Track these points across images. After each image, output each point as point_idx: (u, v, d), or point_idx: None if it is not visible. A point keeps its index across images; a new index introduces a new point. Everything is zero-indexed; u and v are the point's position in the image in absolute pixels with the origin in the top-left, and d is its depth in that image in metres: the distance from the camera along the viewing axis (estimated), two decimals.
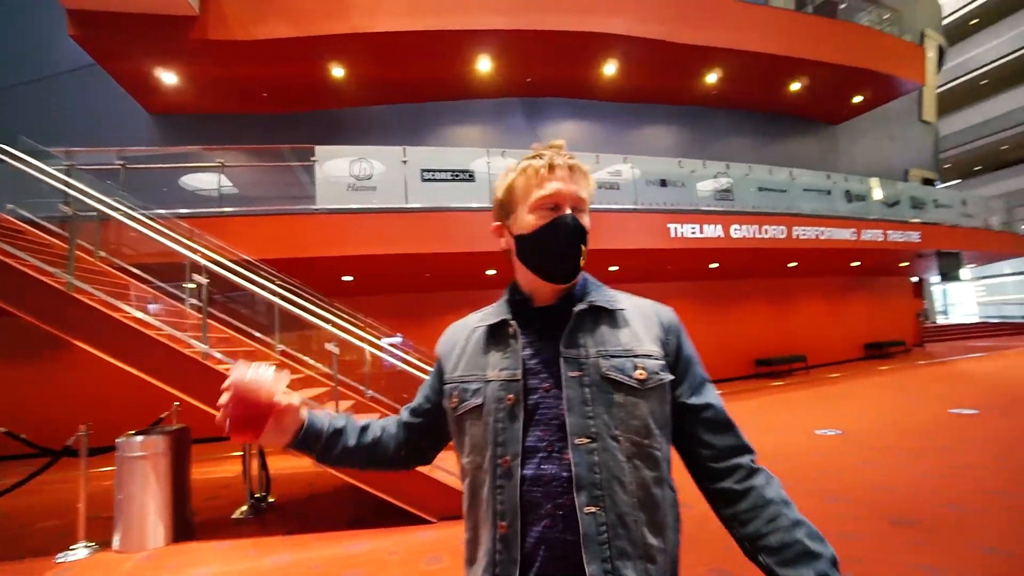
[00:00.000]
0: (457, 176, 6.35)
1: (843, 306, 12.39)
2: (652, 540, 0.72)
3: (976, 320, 19.40)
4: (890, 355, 12.62)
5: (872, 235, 9.01)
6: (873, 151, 12.91)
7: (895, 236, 9.33)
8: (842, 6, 10.42)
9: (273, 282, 4.53)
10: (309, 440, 0.85)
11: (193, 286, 4.24)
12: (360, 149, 6.08)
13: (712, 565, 2.63)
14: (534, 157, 0.83)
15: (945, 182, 16.83)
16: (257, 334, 4.97)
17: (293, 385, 3.93)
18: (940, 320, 20.15)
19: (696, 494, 0.83)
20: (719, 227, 7.53)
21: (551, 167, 0.81)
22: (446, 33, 6.98)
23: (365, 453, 0.91)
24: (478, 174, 6.53)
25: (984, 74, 18.35)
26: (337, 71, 7.50)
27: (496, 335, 0.85)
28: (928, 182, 13.53)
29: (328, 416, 0.90)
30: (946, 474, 3.75)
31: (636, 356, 0.78)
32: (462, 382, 0.84)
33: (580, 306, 0.81)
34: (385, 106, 8.62)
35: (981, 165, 20.23)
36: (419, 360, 4.93)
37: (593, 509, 0.70)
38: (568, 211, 0.80)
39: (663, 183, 7.76)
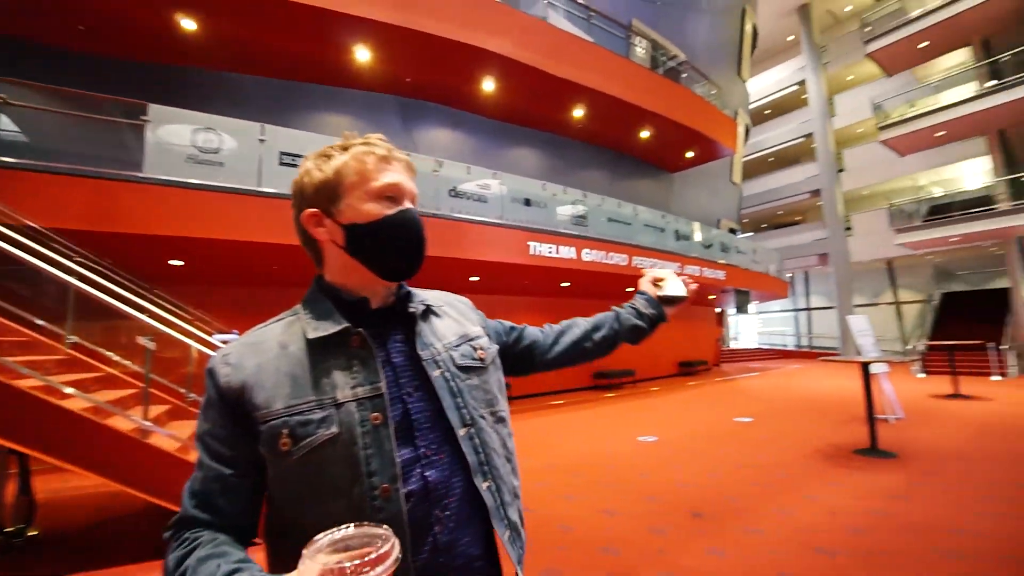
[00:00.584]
0: None
1: (664, 329, 14.27)
2: (516, 482, 0.83)
3: (755, 346, 24.23)
4: (696, 372, 15.03)
5: (692, 270, 10.69)
6: (697, 200, 15.38)
7: (708, 273, 11.22)
8: (683, 75, 12.31)
9: (71, 259, 3.65)
10: None
11: None
12: (209, 118, 5.25)
13: (548, 566, 2.82)
14: (363, 144, 0.77)
15: (743, 233, 20.79)
16: (40, 322, 3.94)
17: (88, 384, 3.21)
18: (732, 345, 24.73)
19: (536, 499, 0.92)
20: (573, 249, 8.21)
21: (384, 157, 0.76)
22: (322, 11, 6.48)
23: None
24: None
25: (771, 153, 23.30)
26: (187, 23, 6.43)
27: (332, 347, 0.72)
28: (732, 231, 16.57)
29: None
30: (728, 472, 4.57)
31: (471, 340, 0.86)
32: (295, 414, 0.67)
33: (418, 307, 0.83)
34: (244, 75, 7.61)
35: (766, 223, 25.53)
36: None
37: (487, 483, 0.76)
38: (409, 204, 0.78)
39: (527, 202, 8.22)
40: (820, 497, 3.78)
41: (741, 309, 15.31)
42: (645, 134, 11.60)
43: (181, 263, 5.82)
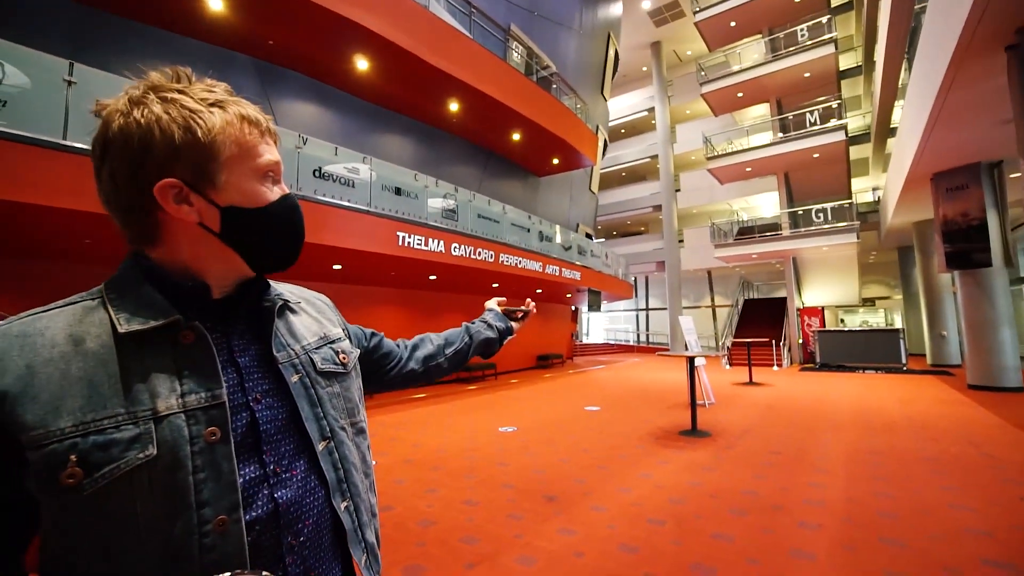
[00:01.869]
0: None
1: (524, 324, 15.19)
2: (373, 499, 0.77)
3: (603, 341, 26.91)
4: (552, 365, 16.15)
5: (552, 270, 11.44)
6: (559, 204, 16.48)
7: (567, 273, 12.11)
8: (554, 86, 13.08)
9: None
10: None
11: None
12: None
13: (407, 564, 2.80)
14: (233, 101, 0.62)
15: (598, 239, 22.88)
16: None
17: None
18: (584, 340, 27.10)
19: (396, 497, 0.92)
20: (442, 243, 8.21)
21: (260, 126, 0.64)
22: None
23: None
24: None
25: (624, 168, 26.11)
26: None
27: (153, 344, 0.56)
28: (589, 236, 18.11)
29: None
30: (578, 456, 5.03)
31: (332, 342, 0.78)
32: (92, 433, 0.50)
33: (276, 301, 0.71)
34: None
35: (616, 231, 28.50)
36: None
37: (346, 503, 0.68)
38: (285, 188, 0.67)
39: (398, 191, 7.98)
40: (652, 475, 4.36)
41: (593, 307, 16.86)
42: (516, 136, 12.06)
43: None
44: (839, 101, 15.32)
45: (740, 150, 16.60)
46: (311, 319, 0.78)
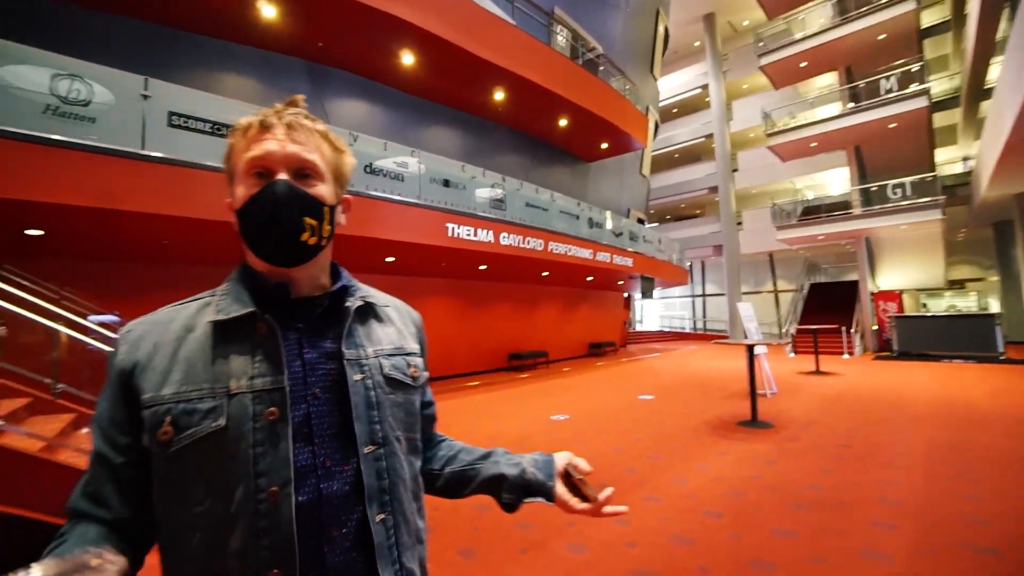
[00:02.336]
0: (219, 130, 5.32)
1: (576, 312, 15.08)
2: (421, 523, 0.75)
3: (657, 328, 26.24)
4: (605, 353, 15.96)
5: (603, 257, 11.25)
6: (609, 190, 16.12)
7: (618, 260, 11.87)
8: (601, 68, 12.74)
9: None
10: None
11: None
12: (77, 64, 4.48)
13: (460, 547, 2.88)
14: (255, 115, 0.68)
15: (650, 224, 22.23)
16: None
17: None
18: (637, 327, 26.55)
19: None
20: (491, 233, 8.26)
21: (265, 125, 0.66)
22: None
23: None
24: None
25: (677, 150, 25.09)
26: None
27: (236, 333, 0.66)
28: (641, 221, 17.63)
29: None
30: (631, 446, 4.96)
31: (407, 355, 0.78)
32: (183, 401, 0.61)
33: (355, 302, 0.74)
34: (116, 16, 6.56)
35: (670, 215, 27.54)
36: None
37: (383, 516, 0.67)
38: (282, 176, 0.66)
39: (446, 183, 8.09)
40: (709, 466, 4.23)
41: (646, 294, 16.46)
42: (563, 122, 11.87)
43: (41, 233, 4.99)
44: (920, 63, 13.85)
45: (804, 124, 15.47)
46: (393, 328, 0.80)
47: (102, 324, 4.12)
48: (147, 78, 4.84)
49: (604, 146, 13.75)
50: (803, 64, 15.89)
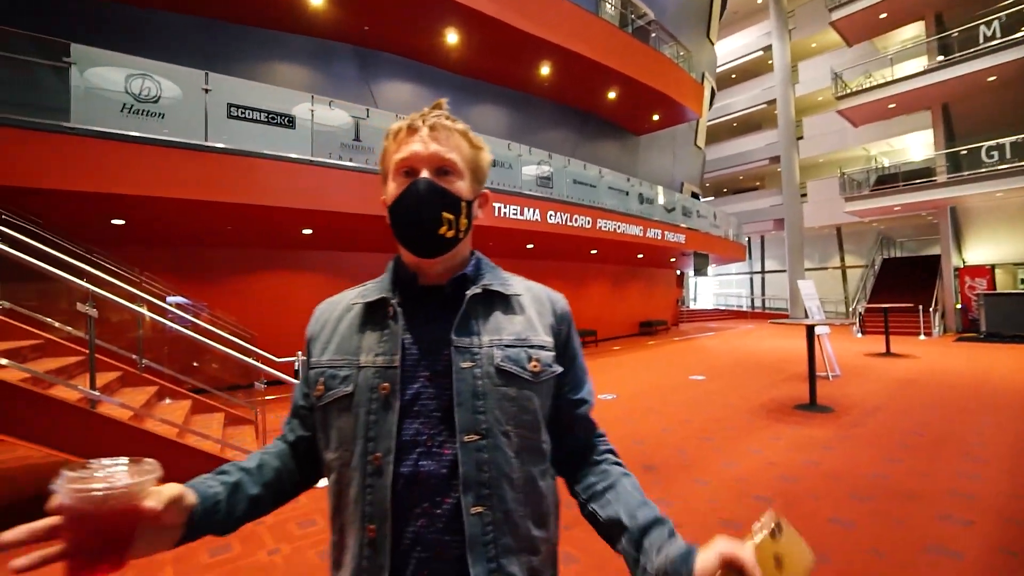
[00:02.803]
0: (274, 119, 5.56)
1: (626, 290, 14.79)
2: (536, 532, 0.71)
3: (712, 307, 25.30)
4: (656, 332, 15.62)
5: (654, 233, 10.91)
6: (661, 163, 15.50)
7: (670, 236, 11.48)
8: (652, 35, 12.11)
9: None
10: (208, 518, 0.65)
11: None
12: (146, 63, 4.81)
13: None
14: (404, 119, 0.75)
15: (705, 198, 21.24)
16: None
17: (25, 353, 3.05)
18: (691, 306, 25.73)
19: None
20: (538, 211, 8.20)
21: (411, 128, 0.73)
22: None
23: (271, 493, 0.76)
24: (299, 121, 5.84)
25: (735, 118, 23.60)
26: None
27: (374, 314, 0.75)
28: (695, 196, 16.88)
29: (211, 477, 0.70)
30: (680, 427, 4.87)
31: (531, 347, 0.74)
32: (331, 367, 0.74)
33: (473, 290, 0.75)
34: (178, 14, 6.95)
35: (727, 188, 26.16)
36: (212, 325, 4.27)
37: (480, 509, 0.66)
38: (424, 174, 0.71)
39: (493, 163, 8.04)
40: (761, 450, 4.09)
41: (699, 271, 15.85)
42: (612, 95, 11.46)
43: (123, 222, 5.47)
44: None
45: (882, 83, 14.04)
46: (522, 318, 0.77)
47: (177, 305, 4.50)
48: (207, 72, 5.11)
49: (655, 118, 13.17)
50: (883, 15, 14.33)
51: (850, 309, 18.02)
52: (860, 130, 17.18)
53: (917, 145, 17.62)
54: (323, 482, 0.79)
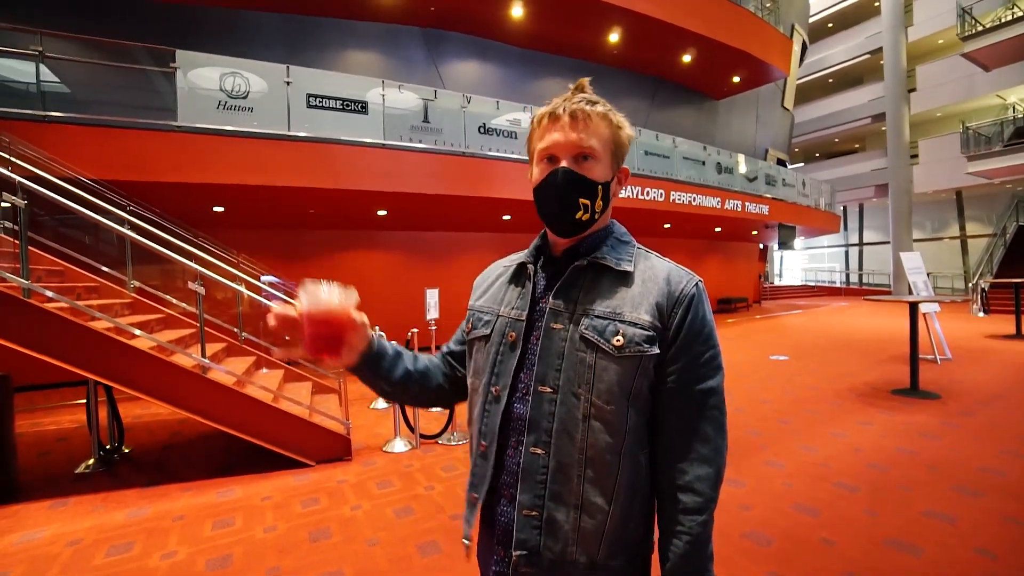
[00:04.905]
0: (348, 106, 5.85)
1: (703, 265, 14.06)
2: (594, 498, 0.73)
3: (800, 283, 23.38)
4: (736, 309, 14.77)
5: (733, 205, 10.22)
6: (742, 129, 14.37)
7: (751, 207, 10.70)
8: None
9: (125, 209, 3.89)
10: (375, 359, 0.86)
11: (6, 205, 3.48)
12: (235, 61, 5.24)
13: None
14: (548, 104, 0.82)
15: (793, 164, 19.46)
16: (105, 268, 4.29)
17: (151, 325, 3.53)
18: (776, 281, 23.94)
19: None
20: None
21: (553, 115, 0.79)
22: None
23: (419, 379, 0.94)
24: (372, 106, 6.08)
25: (831, 74, 21.11)
26: None
27: (518, 275, 0.90)
28: (780, 163, 15.53)
29: (382, 339, 0.92)
30: (755, 408, 4.63)
31: (621, 321, 0.74)
32: (480, 311, 0.91)
33: (579, 262, 0.80)
34: (262, 12, 7.45)
35: (819, 152, 23.69)
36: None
37: (538, 451, 0.74)
38: (563, 163, 0.77)
39: None
40: (847, 435, 3.79)
41: (785, 244, 14.63)
42: (687, 58, 10.74)
43: (222, 209, 6.08)
44: None
45: None
46: (627, 293, 0.77)
47: (270, 284, 4.97)
48: (288, 66, 5.46)
49: (736, 80, 12.19)
50: None
51: (971, 284, 15.83)
52: (992, 75, 14.74)
53: None
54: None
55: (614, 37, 9.56)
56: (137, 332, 3.34)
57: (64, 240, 4.14)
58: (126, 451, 3.79)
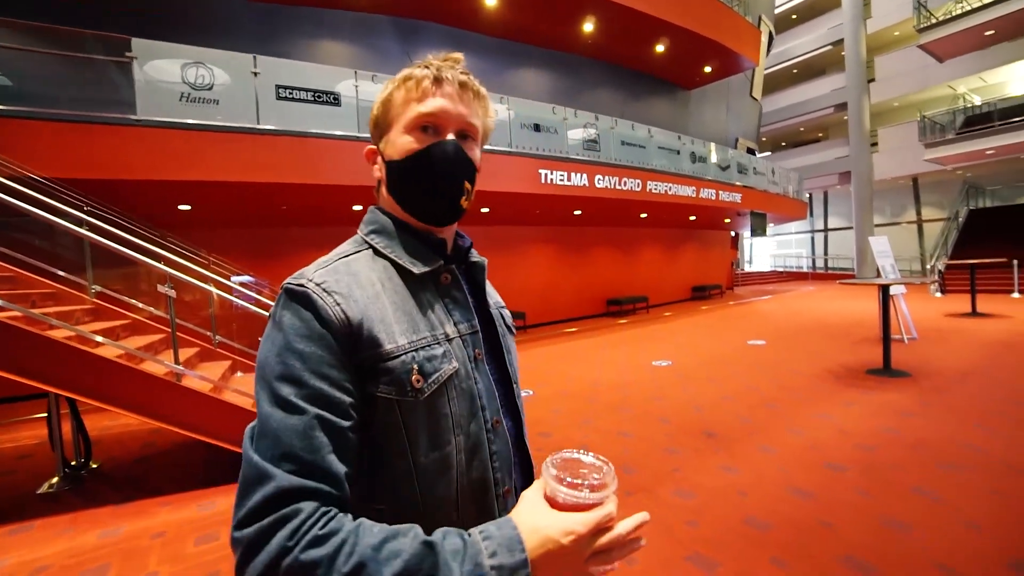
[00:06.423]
0: (320, 98, 5.62)
1: (677, 254, 14.27)
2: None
3: (769, 269, 24.05)
4: (710, 296, 15.07)
5: (708, 193, 10.37)
6: (714, 118, 14.59)
7: (724, 196, 10.88)
8: None
9: (81, 209, 3.63)
10: None
11: None
12: (198, 51, 4.95)
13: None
14: (422, 67, 0.67)
15: (762, 153, 19.91)
16: (62, 273, 4.01)
17: (117, 332, 3.31)
18: (746, 268, 24.57)
19: (554, 425, 0.91)
20: (585, 176, 7.95)
21: (437, 79, 0.66)
22: None
23: None
24: (344, 98, 5.87)
25: (796, 64, 21.65)
26: None
27: (423, 283, 0.68)
28: (750, 151, 15.85)
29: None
30: (741, 394, 4.69)
31: (503, 308, 0.84)
32: (420, 349, 0.62)
33: (482, 258, 0.77)
34: (227, 1, 7.08)
35: (785, 142, 24.33)
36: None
37: (527, 439, 0.78)
38: (451, 136, 0.67)
39: (537, 128, 7.85)
40: (832, 416, 3.88)
41: (757, 231, 14.99)
42: (660, 48, 10.79)
43: (189, 207, 5.78)
44: None
45: (979, 7, 12.38)
46: (489, 286, 0.83)
47: (242, 284, 4.75)
48: (255, 56, 5.20)
49: (707, 70, 12.34)
50: None
51: (927, 266, 16.57)
52: (945, 66, 15.38)
53: (1017, 77, 15.54)
54: None
55: (589, 27, 9.51)
56: (101, 340, 3.12)
57: (15, 245, 3.84)
58: (94, 466, 3.56)
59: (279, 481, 0.50)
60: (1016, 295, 11.32)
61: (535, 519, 0.53)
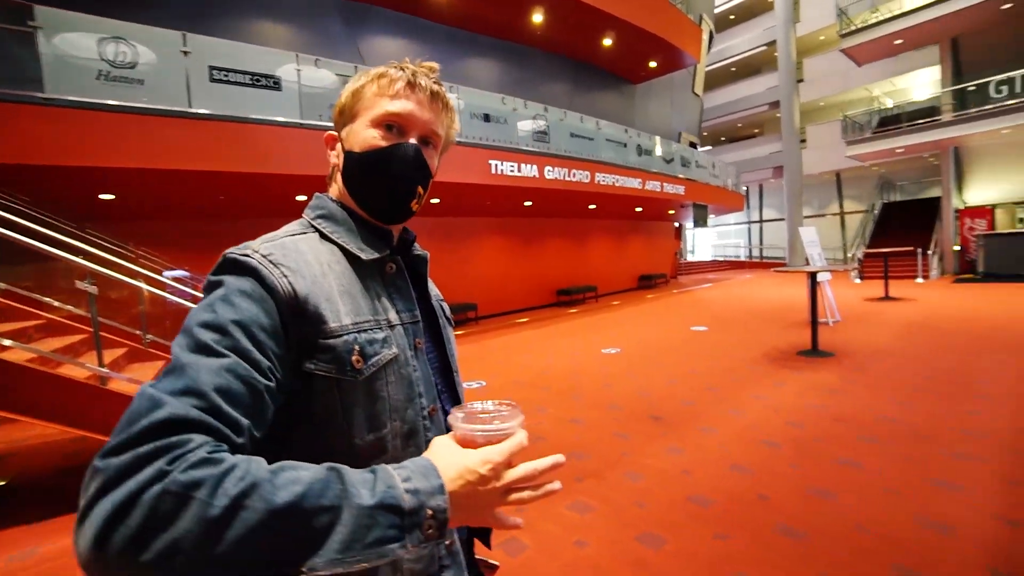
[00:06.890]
0: (259, 81, 5.31)
1: (625, 244, 14.71)
2: None
3: (711, 258, 25.29)
4: (655, 285, 15.66)
5: (653, 185, 10.73)
6: (659, 113, 15.06)
7: (669, 188, 11.30)
8: None
9: None
10: None
11: None
12: (117, 25, 4.51)
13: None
14: (399, 69, 0.70)
15: (703, 147, 20.78)
16: None
17: (29, 333, 3.00)
18: (689, 258, 25.69)
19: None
20: (535, 167, 8.01)
21: (411, 83, 0.69)
22: None
23: None
24: (286, 83, 5.57)
25: (734, 63, 22.75)
26: None
27: (369, 270, 0.68)
28: (693, 145, 16.50)
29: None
30: (685, 378, 4.93)
31: (443, 300, 0.87)
32: (363, 331, 0.62)
33: (424, 252, 0.81)
34: None
35: (725, 137, 25.56)
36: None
37: None
38: (413, 140, 0.69)
39: (487, 118, 7.80)
40: (767, 396, 4.15)
41: (699, 223, 15.71)
42: (608, 41, 10.98)
43: (112, 197, 5.31)
44: None
45: (890, 17, 13.47)
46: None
47: (176, 279, 4.43)
48: (184, 33, 4.82)
49: (652, 64, 12.69)
50: None
51: (848, 255, 18.01)
52: (863, 70, 16.64)
53: (922, 84, 17.10)
54: None
55: (538, 17, 9.52)
56: (7, 343, 2.82)
57: None
58: (2, 483, 3.24)
59: (172, 408, 0.43)
60: (920, 280, 12.53)
61: (451, 454, 0.54)
